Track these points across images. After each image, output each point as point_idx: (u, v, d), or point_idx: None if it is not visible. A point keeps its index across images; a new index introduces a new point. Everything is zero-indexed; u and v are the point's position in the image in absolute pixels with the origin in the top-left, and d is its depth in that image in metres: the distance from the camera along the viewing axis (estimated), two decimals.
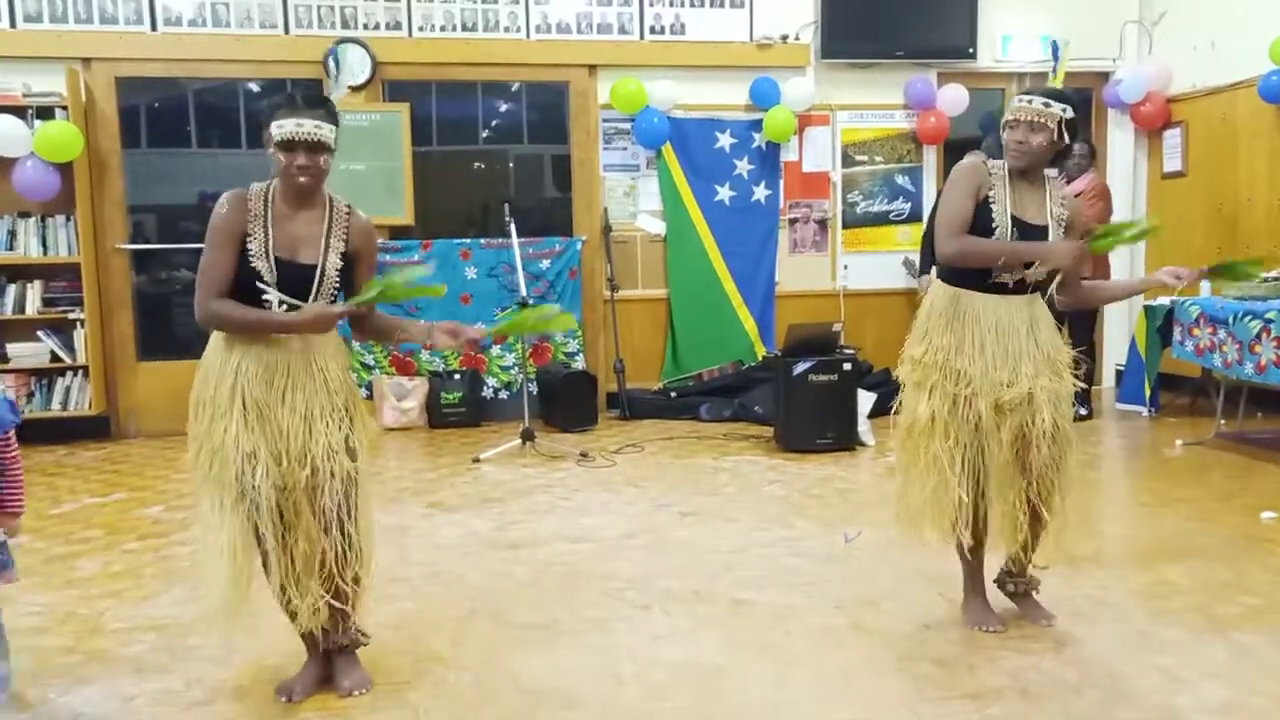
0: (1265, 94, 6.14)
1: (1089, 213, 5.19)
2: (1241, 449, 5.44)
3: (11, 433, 2.68)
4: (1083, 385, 3.12)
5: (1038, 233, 2.94)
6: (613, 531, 4.21)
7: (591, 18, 6.94)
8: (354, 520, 2.65)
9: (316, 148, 2.58)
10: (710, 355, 7.09)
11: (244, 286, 2.59)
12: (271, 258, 2.60)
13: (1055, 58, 3.37)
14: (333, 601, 2.64)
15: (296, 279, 2.62)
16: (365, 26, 6.68)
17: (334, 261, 2.66)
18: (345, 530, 2.63)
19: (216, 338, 2.66)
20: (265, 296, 2.58)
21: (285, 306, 2.59)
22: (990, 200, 2.94)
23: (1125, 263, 7.62)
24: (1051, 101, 2.92)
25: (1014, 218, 2.92)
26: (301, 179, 2.59)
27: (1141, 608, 3.23)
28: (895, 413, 3.13)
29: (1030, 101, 2.92)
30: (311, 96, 2.65)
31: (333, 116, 2.63)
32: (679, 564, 3.76)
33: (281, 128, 2.55)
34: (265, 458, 2.56)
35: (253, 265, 2.59)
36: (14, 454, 2.71)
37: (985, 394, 2.90)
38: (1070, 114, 2.93)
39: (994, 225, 2.91)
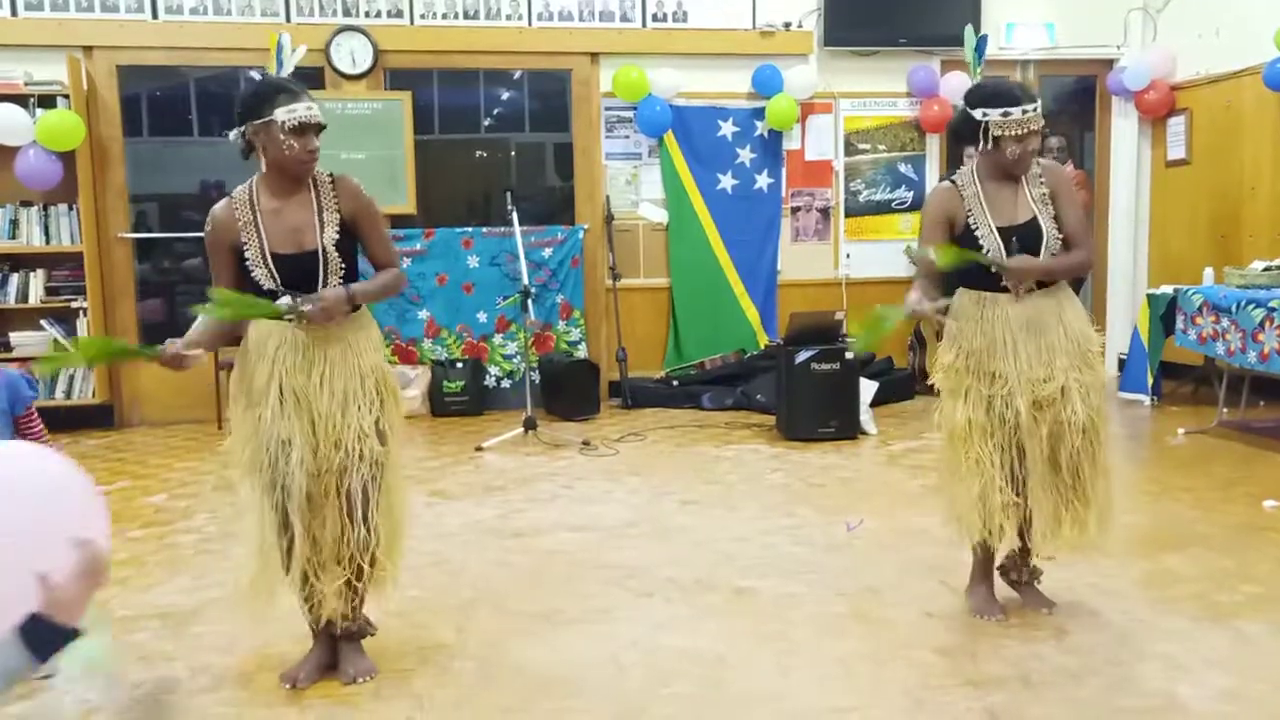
0: (1270, 82, 6.11)
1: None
2: (1244, 438, 5.44)
3: (33, 408, 2.72)
4: None
5: (1029, 229, 2.91)
6: (615, 520, 4.22)
7: (593, 5, 6.92)
8: (376, 504, 2.66)
9: (319, 130, 2.62)
10: (712, 344, 7.09)
11: (257, 291, 2.63)
12: (269, 262, 2.61)
13: (979, 52, 3.29)
14: (354, 583, 2.67)
15: (305, 268, 2.63)
16: (367, 15, 6.66)
17: (330, 237, 2.66)
18: (368, 514, 2.64)
19: (253, 326, 2.68)
20: (278, 301, 2.59)
21: (300, 300, 2.60)
22: (971, 225, 2.93)
23: (1129, 253, 7.61)
24: (1037, 103, 2.89)
25: (1000, 229, 2.90)
26: (309, 163, 2.62)
27: (1143, 596, 3.24)
28: (937, 426, 3.08)
29: (1036, 110, 2.87)
30: (298, 80, 2.69)
31: None
32: (681, 552, 3.77)
33: (293, 112, 2.54)
34: (300, 444, 2.58)
35: (253, 275, 2.61)
36: (38, 429, 2.75)
37: (1024, 392, 2.88)
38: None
39: (984, 251, 2.89)
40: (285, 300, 2.59)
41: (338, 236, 2.67)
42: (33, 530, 1.20)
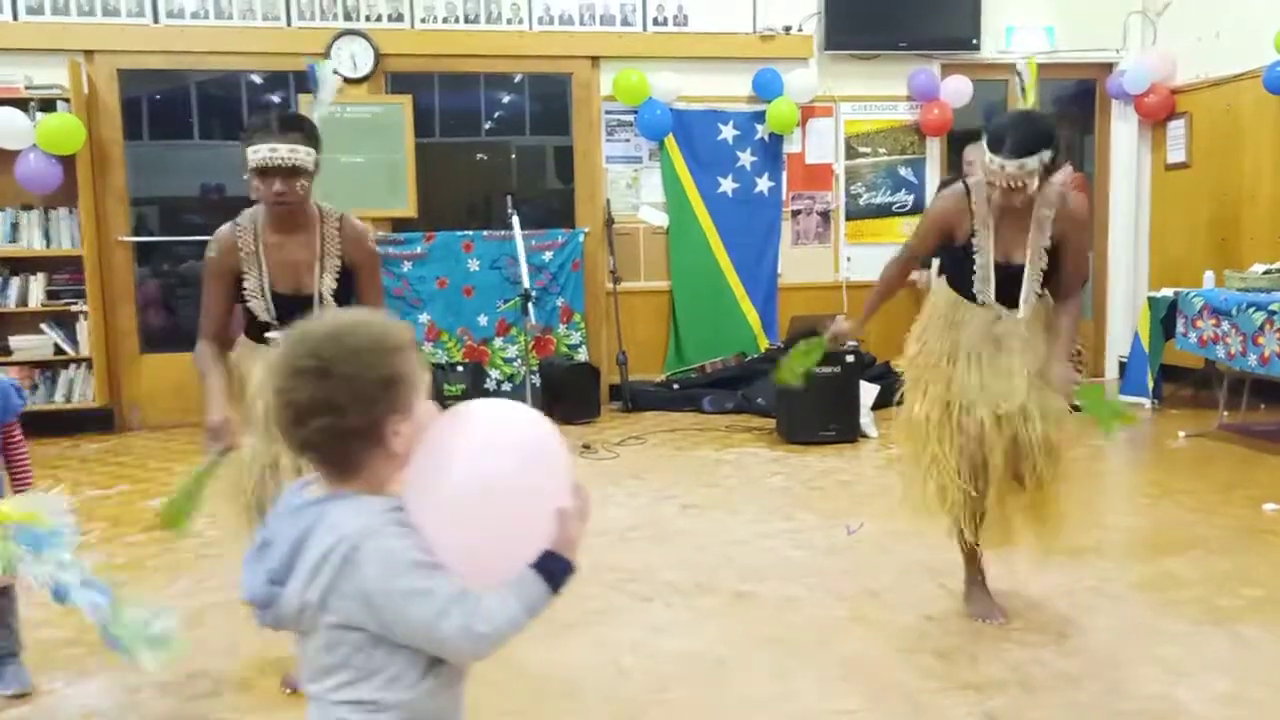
0: (1270, 85, 6.11)
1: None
2: (1244, 441, 5.44)
3: (17, 420, 2.71)
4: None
5: (1013, 272, 2.88)
6: (615, 524, 4.22)
7: (594, 9, 6.92)
8: None
9: (292, 173, 2.52)
10: (713, 347, 7.09)
11: (252, 320, 2.65)
12: (268, 296, 2.60)
13: (1022, 78, 3.12)
14: None
15: (301, 308, 2.61)
16: (367, 18, 6.66)
17: (329, 285, 2.64)
18: None
19: (240, 346, 2.69)
20: (268, 334, 2.60)
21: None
22: (973, 247, 2.89)
23: (1129, 257, 7.61)
24: (1026, 160, 2.64)
25: (996, 264, 2.88)
26: (278, 206, 2.56)
27: (1143, 599, 3.24)
28: (898, 403, 3.14)
29: (1003, 165, 2.65)
30: (289, 118, 2.59)
31: (312, 138, 2.56)
32: (681, 556, 3.77)
33: (256, 153, 2.48)
34: (288, 467, 2.57)
35: (249, 306, 2.62)
36: (18, 437, 2.73)
37: (985, 405, 2.88)
38: (1049, 156, 2.68)
39: (974, 275, 2.88)
40: (276, 335, 2.60)
41: (335, 285, 2.65)
42: (552, 474, 1.35)
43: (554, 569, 1.31)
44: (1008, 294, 2.90)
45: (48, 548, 2.10)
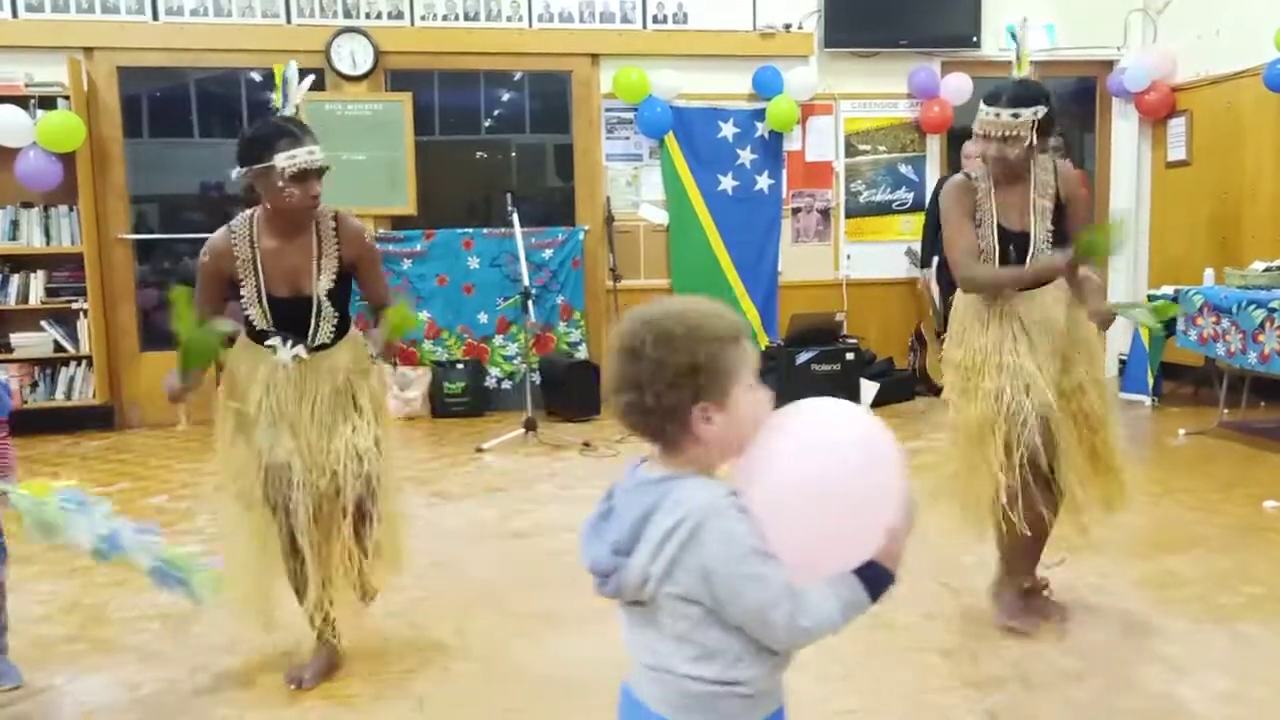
0: (1270, 83, 6.11)
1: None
2: (1244, 438, 5.44)
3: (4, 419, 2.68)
4: None
5: (1021, 240, 2.89)
6: None
7: (594, 6, 6.92)
8: (376, 517, 2.70)
9: (323, 172, 2.56)
10: None
11: (250, 328, 2.65)
12: (265, 303, 2.59)
13: (1016, 42, 3.11)
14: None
15: (299, 312, 2.62)
16: (367, 16, 6.66)
17: (325, 286, 2.63)
18: (370, 528, 2.68)
19: (242, 344, 2.69)
20: (268, 343, 2.60)
21: (290, 343, 2.60)
22: (978, 220, 2.91)
23: (1129, 254, 7.61)
24: (1021, 110, 2.75)
25: (1003, 230, 2.89)
26: (311, 208, 2.57)
27: (1144, 597, 3.24)
28: (951, 422, 3.05)
29: (998, 114, 2.77)
30: (297, 121, 2.58)
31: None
32: None
33: (293, 159, 2.47)
34: (300, 467, 2.58)
35: (247, 314, 2.61)
36: (2, 436, 2.71)
37: (1049, 383, 2.84)
38: (1043, 112, 2.78)
39: (981, 246, 2.89)
40: (275, 342, 2.61)
41: (332, 285, 2.65)
42: (889, 487, 1.33)
43: (877, 578, 1.32)
44: (1020, 262, 2.90)
45: (90, 507, 2.20)
